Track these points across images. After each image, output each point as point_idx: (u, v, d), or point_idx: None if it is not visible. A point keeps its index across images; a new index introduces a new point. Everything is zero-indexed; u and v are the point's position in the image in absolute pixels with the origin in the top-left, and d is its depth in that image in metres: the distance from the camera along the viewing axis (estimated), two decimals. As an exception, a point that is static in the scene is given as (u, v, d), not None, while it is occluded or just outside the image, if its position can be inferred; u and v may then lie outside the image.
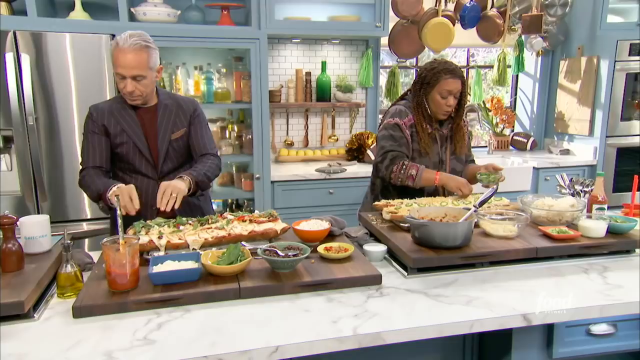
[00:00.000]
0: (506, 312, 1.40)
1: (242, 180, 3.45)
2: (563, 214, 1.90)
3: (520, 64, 4.36)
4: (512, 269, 1.69)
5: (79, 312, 1.33)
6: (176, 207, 1.85)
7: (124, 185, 1.90)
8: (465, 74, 4.62)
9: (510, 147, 4.56)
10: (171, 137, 2.13)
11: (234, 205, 3.70)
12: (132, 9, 3.13)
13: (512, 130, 4.71)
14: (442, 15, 3.74)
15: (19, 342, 1.22)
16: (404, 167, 2.23)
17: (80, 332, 1.26)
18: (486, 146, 4.46)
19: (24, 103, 2.76)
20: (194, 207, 2.23)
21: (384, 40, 3.91)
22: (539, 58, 4.46)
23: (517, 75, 4.69)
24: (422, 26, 3.73)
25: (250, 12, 3.31)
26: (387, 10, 3.51)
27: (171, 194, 1.84)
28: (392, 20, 3.79)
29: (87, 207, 3.00)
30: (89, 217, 3.01)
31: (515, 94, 4.77)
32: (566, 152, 4.20)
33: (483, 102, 4.50)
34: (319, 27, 3.53)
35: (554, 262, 1.74)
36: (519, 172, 3.84)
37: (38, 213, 2.92)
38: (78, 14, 3.10)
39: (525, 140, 4.46)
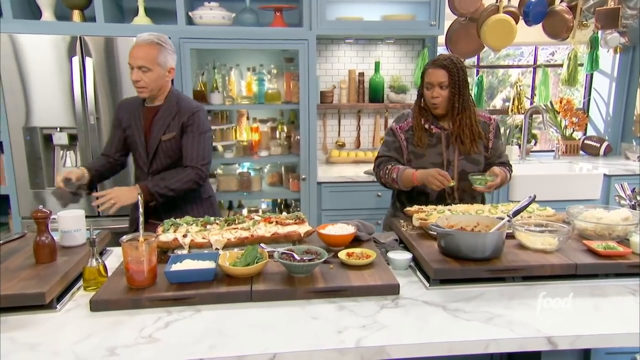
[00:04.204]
0: (528, 333, 1.29)
1: (290, 180, 3.46)
2: (614, 228, 1.72)
3: (594, 62, 4.03)
4: (547, 286, 1.55)
5: (95, 306, 1.39)
6: (111, 212, 2.07)
7: (76, 168, 2.23)
8: (532, 73, 4.40)
9: (581, 152, 4.23)
10: (161, 138, 2.23)
11: (282, 205, 3.73)
12: (189, 13, 3.25)
13: (584, 134, 4.37)
14: (504, 12, 3.54)
15: (36, 332, 1.29)
16: (387, 171, 2.19)
17: (92, 326, 1.31)
18: (553, 150, 4.17)
19: (86, 103, 2.95)
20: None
21: (442, 39, 3.77)
22: (617, 55, 4.10)
23: (592, 75, 4.34)
24: (482, 23, 3.55)
25: (302, 13, 3.32)
26: (442, 8, 3.37)
27: (110, 199, 2.06)
28: (449, 18, 3.64)
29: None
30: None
31: (589, 95, 4.41)
32: (645, 158, 3.83)
33: (550, 102, 4.21)
34: (370, 27, 3.46)
35: (598, 280, 1.58)
36: (587, 179, 3.55)
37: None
38: (141, 19, 3.27)
39: (598, 145, 4.12)
